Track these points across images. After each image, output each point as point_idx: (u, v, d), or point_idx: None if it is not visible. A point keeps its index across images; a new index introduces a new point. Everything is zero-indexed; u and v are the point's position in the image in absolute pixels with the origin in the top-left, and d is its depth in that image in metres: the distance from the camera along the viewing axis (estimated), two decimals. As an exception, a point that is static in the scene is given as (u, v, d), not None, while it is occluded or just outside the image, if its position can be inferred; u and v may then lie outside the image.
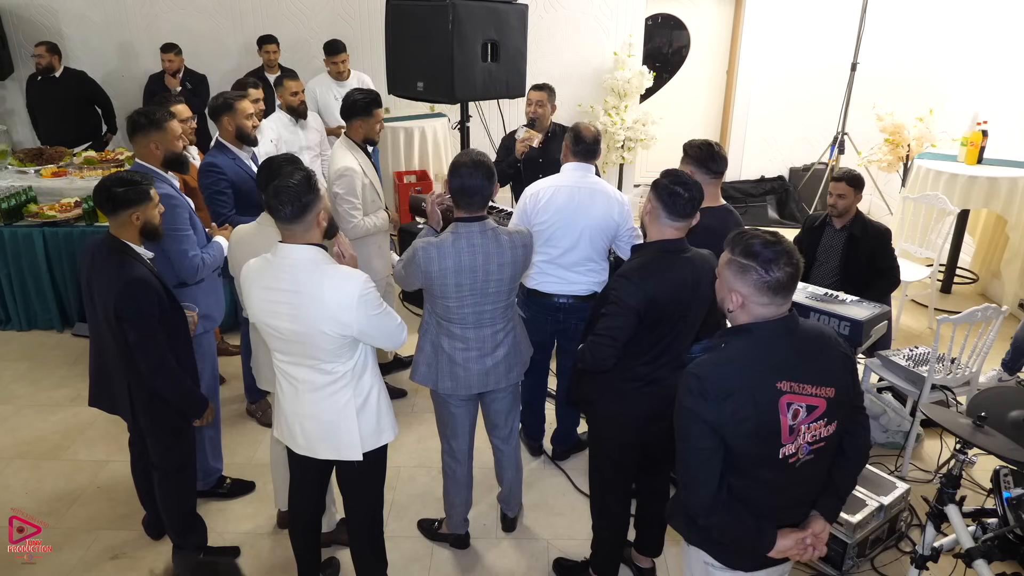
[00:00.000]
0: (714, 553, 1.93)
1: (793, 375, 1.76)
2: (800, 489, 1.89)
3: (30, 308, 4.91)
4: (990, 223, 5.58)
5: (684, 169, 2.80)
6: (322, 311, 2.17)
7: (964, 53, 6.17)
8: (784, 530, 1.85)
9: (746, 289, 1.76)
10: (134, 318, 2.47)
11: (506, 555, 3.09)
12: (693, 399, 1.74)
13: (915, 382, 3.52)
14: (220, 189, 3.47)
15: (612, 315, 2.31)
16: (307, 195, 2.16)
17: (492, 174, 2.53)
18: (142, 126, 2.99)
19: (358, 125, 3.63)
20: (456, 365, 2.69)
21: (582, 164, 3.20)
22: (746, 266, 1.75)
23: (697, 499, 1.78)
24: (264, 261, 2.26)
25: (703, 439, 1.74)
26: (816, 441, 1.81)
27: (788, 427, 1.76)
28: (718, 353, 1.81)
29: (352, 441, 2.37)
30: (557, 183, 3.18)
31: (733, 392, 1.72)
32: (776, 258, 1.73)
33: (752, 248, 1.75)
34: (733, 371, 1.75)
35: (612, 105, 6.81)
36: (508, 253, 2.56)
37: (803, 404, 1.77)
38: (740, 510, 1.79)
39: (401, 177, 6.27)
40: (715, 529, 1.82)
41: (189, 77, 6.12)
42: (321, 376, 2.30)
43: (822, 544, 1.90)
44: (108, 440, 3.77)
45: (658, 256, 2.34)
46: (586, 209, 3.12)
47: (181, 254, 2.98)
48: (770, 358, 1.77)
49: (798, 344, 1.80)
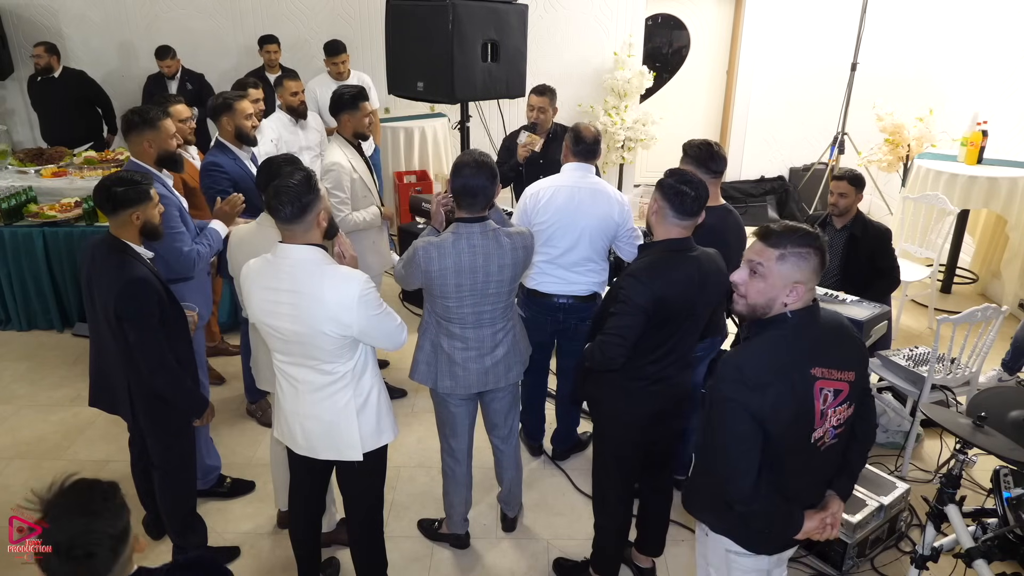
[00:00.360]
0: (742, 540, 1.97)
1: (824, 361, 1.82)
2: (820, 472, 1.96)
3: (30, 308, 4.91)
4: (990, 223, 5.58)
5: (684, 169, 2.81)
6: (322, 311, 2.16)
7: (964, 53, 6.17)
8: (808, 511, 1.92)
9: (806, 275, 1.79)
10: (134, 318, 2.47)
11: (506, 555, 3.09)
12: (734, 388, 1.77)
13: (915, 382, 3.52)
14: (223, 188, 3.46)
15: (621, 314, 2.31)
16: (307, 195, 2.16)
17: (495, 175, 2.53)
18: (136, 125, 3.01)
19: (346, 120, 3.70)
20: (455, 364, 2.69)
21: (582, 164, 3.20)
22: (806, 253, 1.78)
23: (739, 488, 1.80)
24: (264, 261, 2.26)
25: (744, 428, 1.77)
26: (839, 425, 1.88)
27: (820, 412, 1.81)
28: (752, 343, 1.85)
29: (352, 441, 2.37)
30: (557, 183, 3.18)
31: (773, 380, 1.76)
32: (819, 239, 1.81)
33: (800, 237, 1.79)
34: (771, 359, 1.79)
35: (612, 105, 6.81)
36: (509, 254, 2.55)
37: (831, 389, 1.83)
38: (774, 495, 1.84)
39: (401, 177, 6.27)
40: (755, 516, 1.86)
41: (189, 77, 6.12)
42: (321, 376, 2.30)
43: (839, 523, 1.97)
44: (108, 440, 3.77)
45: (665, 255, 2.35)
46: (586, 209, 3.12)
47: (176, 252, 2.99)
48: (805, 345, 1.82)
49: (823, 331, 1.86)
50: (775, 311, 1.83)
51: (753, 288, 1.83)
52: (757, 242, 1.84)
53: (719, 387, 1.80)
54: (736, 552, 1.99)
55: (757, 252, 1.82)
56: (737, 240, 2.98)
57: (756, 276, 1.82)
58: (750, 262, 1.84)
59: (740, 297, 1.86)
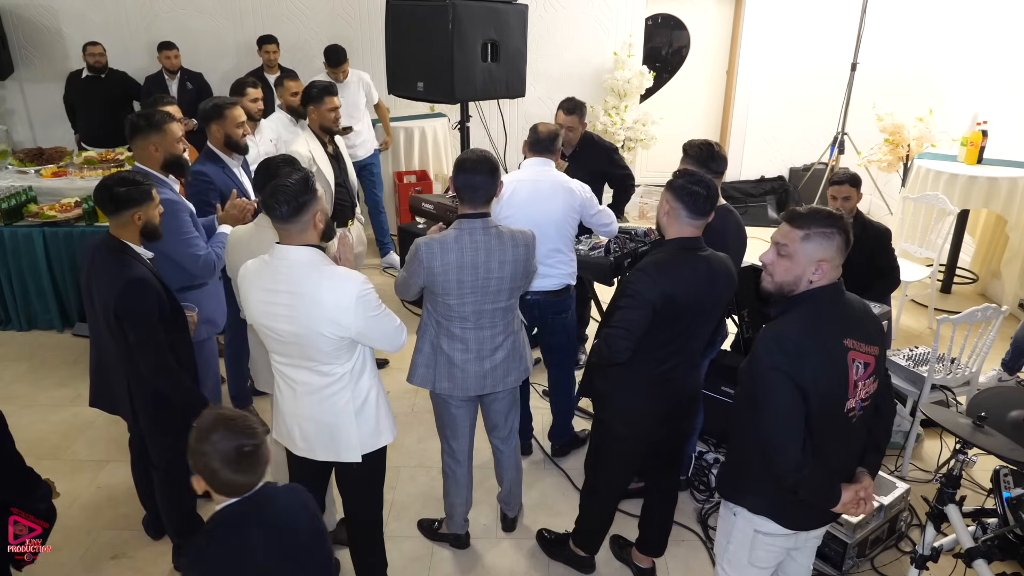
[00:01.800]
0: (783, 518, 2.05)
1: (854, 333, 1.94)
2: (853, 444, 2.05)
3: (30, 308, 4.91)
4: (990, 223, 5.58)
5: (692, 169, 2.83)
6: (320, 312, 2.16)
7: (964, 53, 6.17)
8: (843, 484, 1.99)
9: (831, 253, 1.92)
10: (134, 318, 2.47)
11: (506, 555, 3.09)
12: (776, 357, 1.87)
13: (915, 382, 3.52)
14: (209, 200, 3.35)
15: (628, 308, 2.33)
16: (304, 195, 2.15)
17: (495, 170, 2.54)
18: (141, 128, 2.97)
19: (312, 111, 3.88)
20: (454, 366, 2.69)
21: (541, 159, 3.28)
22: (830, 233, 1.91)
23: (787, 459, 1.88)
24: (261, 263, 2.25)
25: (789, 396, 1.86)
26: (866, 399, 1.98)
27: (853, 383, 1.91)
28: (786, 317, 1.95)
29: (351, 443, 2.37)
30: (518, 178, 3.25)
31: (812, 348, 1.87)
32: (843, 220, 1.92)
33: (824, 217, 1.92)
34: (809, 328, 1.90)
35: (612, 105, 6.81)
36: (509, 251, 2.56)
37: (862, 361, 1.93)
38: (816, 466, 1.91)
39: (401, 177, 6.27)
40: (804, 486, 1.92)
41: (189, 77, 6.12)
42: (319, 378, 2.30)
43: (871, 498, 2.05)
44: (108, 440, 3.77)
45: (677, 253, 2.38)
46: (547, 202, 3.19)
47: (193, 258, 2.97)
48: (837, 317, 1.94)
49: (850, 306, 1.99)
50: (801, 288, 1.95)
51: (780, 267, 1.97)
52: (784, 224, 1.99)
53: (762, 360, 1.89)
54: (766, 532, 2.07)
55: (784, 234, 1.96)
56: (738, 240, 2.99)
57: (782, 256, 1.96)
58: (777, 244, 1.98)
59: (768, 276, 2.01)
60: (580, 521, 2.90)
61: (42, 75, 6.69)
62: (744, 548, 2.13)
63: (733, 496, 2.14)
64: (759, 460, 1.97)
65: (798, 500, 1.97)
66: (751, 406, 1.96)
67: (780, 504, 2.03)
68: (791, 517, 2.06)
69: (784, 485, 1.93)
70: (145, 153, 3.00)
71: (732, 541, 2.16)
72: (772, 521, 2.06)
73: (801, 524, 2.09)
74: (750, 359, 1.98)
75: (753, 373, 1.93)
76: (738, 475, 2.13)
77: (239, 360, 3.67)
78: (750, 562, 2.14)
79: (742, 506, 2.10)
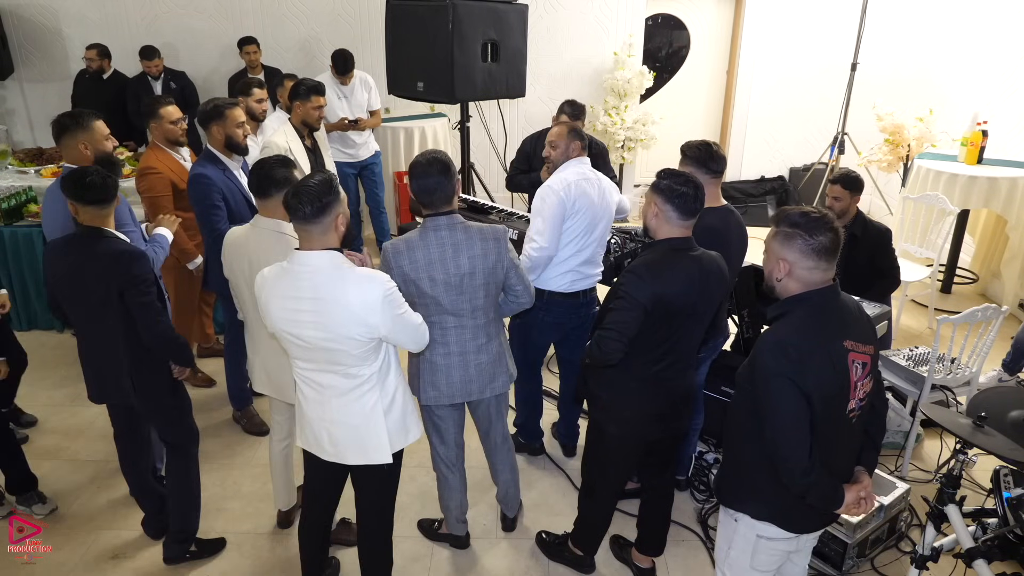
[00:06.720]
0: (786, 522, 2.05)
1: (852, 334, 1.94)
2: (852, 445, 2.06)
3: (30, 308, 4.91)
4: (990, 223, 5.58)
5: (684, 170, 2.80)
6: (348, 315, 2.13)
7: (964, 53, 6.17)
8: (845, 485, 2.00)
9: (792, 255, 1.92)
10: (138, 283, 2.54)
11: (506, 555, 3.09)
12: (780, 363, 1.86)
13: (915, 382, 3.52)
14: (214, 202, 3.35)
15: (620, 309, 2.33)
16: (327, 195, 2.12)
17: (447, 169, 2.48)
18: (68, 127, 3.00)
19: (297, 107, 4.05)
20: (438, 371, 2.67)
21: (584, 158, 3.20)
22: (791, 234, 1.92)
23: (795, 463, 1.88)
24: (281, 270, 2.20)
25: (794, 401, 1.86)
26: (863, 398, 1.99)
27: (853, 384, 1.93)
28: (783, 321, 1.95)
29: (380, 443, 2.35)
30: (576, 178, 3.10)
31: (813, 352, 1.86)
32: (817, 224, 1.89)
33: (794, 218, 1.93)
34: (808, 332, 1.90)
35: (612, 105, 6.81)
36: (478, 245, 2.52)
37: (860, 362, 1.94)
38: (821, 468, 1.91)
39: (401, 177, 6.27)
40: (812, 489, 1.92)
41: (173, 76, 6.13)
42: (347, 381, 2.27)
43: (872, 497, 2.06)
44: (108, 440, 3.74)
45: (668, 253, 2.37)
46: (615, 192, 3.29)
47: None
48: (834, 319, 1.94)
49: (846, 307, 1.99)
50: (779, 289, 1.98)
51: (763, 258, 2.03)
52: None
53: (765, 366, 1.89)
54: (769, 537, 2.06)
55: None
56: (739, 240, 2.98)
57: (765, 250, 2.02)
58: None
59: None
60: (579, 521, 2.90)
61: (42, 75, 6.69)
62: (746, 553, 2.13)
63: (733, 503, 2.13)
64: (762, 466, 1.97)
65: (801, 504, 1.97)
66: (752, 413, 1.95)
67: (784, 509, 2.03)
68: (794, 521, 2.06)
69: (793, 491, 1.93)
70: (76, 152, 3.03)
71: (734, 547, 2.15)
72: (775, 526, 2.05)
73: (803, 527, 2.09)
74: (750, 365, 1.97)
75: (755, 380, 1.92)
76: (738, 481, 2.12)
77: (237, 361, 3.67)
78: (752, 567, 2.13)
79: (745, 513, 2.09)
